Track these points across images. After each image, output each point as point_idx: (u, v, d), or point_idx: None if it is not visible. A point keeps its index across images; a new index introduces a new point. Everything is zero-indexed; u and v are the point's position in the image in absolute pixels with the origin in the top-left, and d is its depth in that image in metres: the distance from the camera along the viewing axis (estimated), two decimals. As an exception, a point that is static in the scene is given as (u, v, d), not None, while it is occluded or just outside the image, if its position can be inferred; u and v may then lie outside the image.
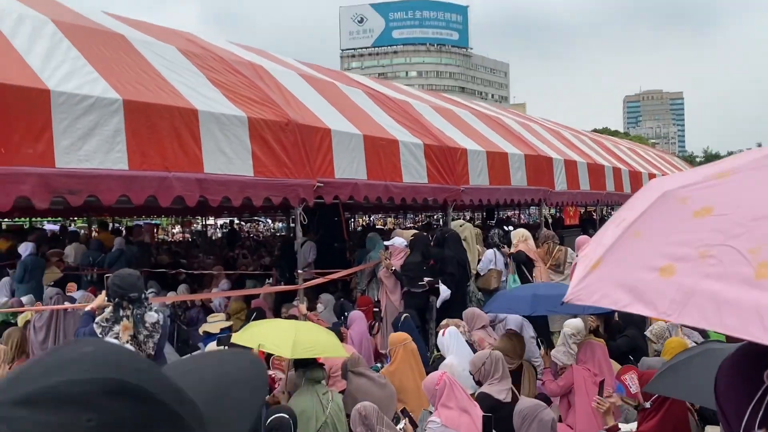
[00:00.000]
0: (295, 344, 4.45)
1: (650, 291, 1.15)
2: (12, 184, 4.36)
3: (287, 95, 7.22)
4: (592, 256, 1.32)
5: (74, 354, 0.65)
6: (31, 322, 6.54)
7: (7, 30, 5.00)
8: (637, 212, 1.32)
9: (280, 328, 4.92)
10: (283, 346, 4.50)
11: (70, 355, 0.65)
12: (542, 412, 4.07)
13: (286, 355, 4.53)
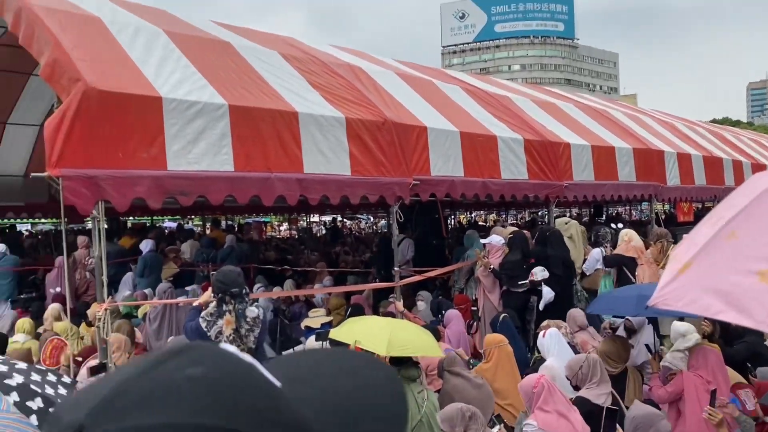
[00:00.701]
0: (390, 342, 4.49)
1: (747, 298, 1.05)
2: (129, 186, 4.70)
3: (384, 95, 7.29)
4: (683, 258, 1.22)
5: (181, 379, 0.55)
6: (147, 314, 7.03)
7: (125, 42, 5.39)
8: (736, 210, 1.20)
9: (377, 326, 4.98)
10: (378, 344, 4.56)
11: (176, 379, 0.55)
12: (659, 422, 3.85)
13: (381, 353, 4.57)
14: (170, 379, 0.54)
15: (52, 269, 9.63)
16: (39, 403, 2.85)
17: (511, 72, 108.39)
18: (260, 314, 3.90)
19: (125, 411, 0.52)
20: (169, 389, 0.54)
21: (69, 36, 4.94)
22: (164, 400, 0.53)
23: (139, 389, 0.54)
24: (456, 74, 11.05)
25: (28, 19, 5.07)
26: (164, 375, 0.55)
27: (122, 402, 0.53)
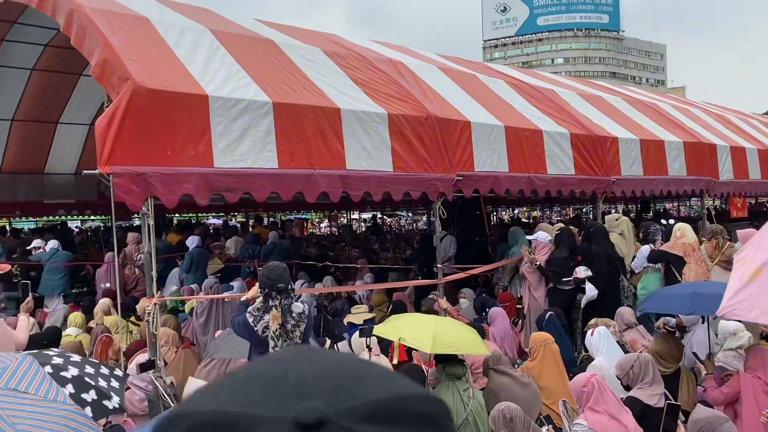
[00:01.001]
0: (435, 339, 4.45)
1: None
2: (177, 183, 4.78)
3: (426, 89, 7.24)
4: (752, 263, 1.14)
5: (381, 368, 0.59)
6: (194, 309, 7.15)
7: (172, 41, 5.48)
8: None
9: (421, 323, 4.94)
10: (423, 341, 4.52)
11: (375, 367, 0.59)
12: (723, 425, 3.71)
13: (426, 350, 4.54)
14: (371, 367, 0.59)
15: (102, 265, 9.89)
16: (93, 395, 2.92)
17: (554, 65, 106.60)
18: (306, 309, 3.91)
19: (355, 390, 0.55)
20: (383, 372, 0.58)
21: (118, 36, 5.04)
22: (390, 380, 0.57)
23: (364, 372, 0.58)
24: (499, 67, 10.90)
25: (80, 20, 5.18)
26: (358, 363, 0.60)
27: (355, 384, 0.56)
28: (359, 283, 9.57)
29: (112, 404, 2.94)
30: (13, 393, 2.34)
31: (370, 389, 0.55)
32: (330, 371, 0.56)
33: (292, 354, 0.61)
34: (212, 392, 0.57)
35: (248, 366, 0.61)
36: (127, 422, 4.18)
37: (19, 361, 2.51)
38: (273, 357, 0.62)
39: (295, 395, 0.53)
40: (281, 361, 0.59)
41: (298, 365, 0.57)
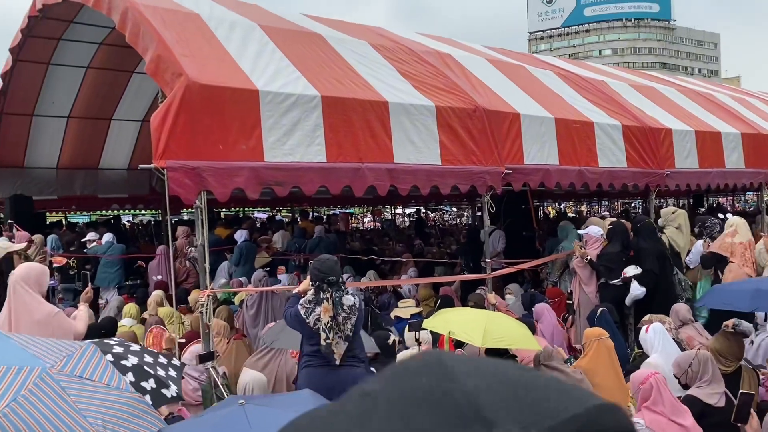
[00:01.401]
0: (486, 333, 4.40)
1: None
2: (229, 177, 4.85)
3: (474, 81, 7.15)
4: None
5: (541, 373, 0.53)
6: (244, 301, 7.27)
7: (222, 37, 5.55)
8: None
9: (472, 317, 4.90)
10: (473, 335, 4.48)
11: (535, 373, 0.52)
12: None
13: (476, 344, 4.49)
14: (527, 368, 0.52)
15: (155, 258, 10.14)
16: (152, 383, 2.98)
17: (602, 57, 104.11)
18: (357, 302, 3.92)
19: (552, 406, 0.47)
20: (548, 377, 0.52)
21: (171, 33, 5.14)
22: (565, 387, 0.50)
23: (534, 381, 0.50)
24: (548, 59, 10.71)
25: (134, 17, 5.30)
26: (544, 379, 0.51)
27: (536, 398, 0.48)
28: (405, 277, 9.55)
29: (170, 393, 3.00)
30: (79, 380, 2.41)
31: (556, 404, 0.47)
32: (498, 383, 0.48)
33: (432, 363, 0.51)
34: (355, 418, 0.47)
35: (382, 384, 0.51)
36: (182, 411, 4.28)
37: (84, 349, 2.58)
38: (405, 369, 0.52)
39: (475, 419, 0.45)
40: (427, 374, 0.50)
41: (453, 378, 0.49)
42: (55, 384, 2.33)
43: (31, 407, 2.23)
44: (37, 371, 2.32)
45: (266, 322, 6.59)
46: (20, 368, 2.30)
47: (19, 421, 2.17)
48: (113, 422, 2.37)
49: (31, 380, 2.29)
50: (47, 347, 2.52)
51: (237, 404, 2.40)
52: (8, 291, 4.01)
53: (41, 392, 2.29)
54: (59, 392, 2.33)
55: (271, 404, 2.44)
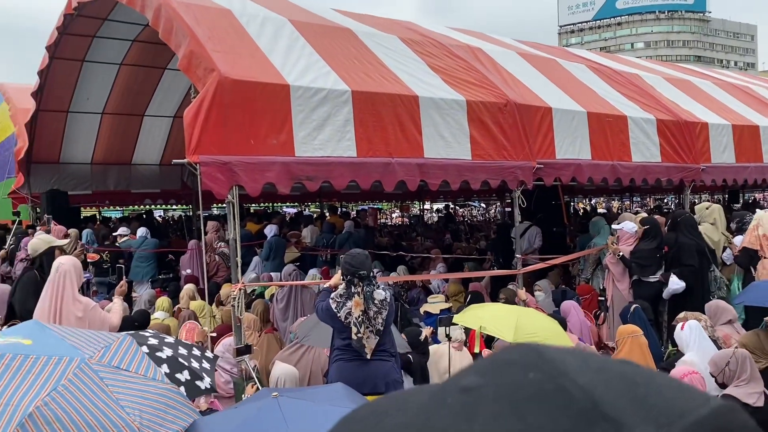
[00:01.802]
0: (517, 329, 4.37)
1: None
2: (260, 172, 4.88)
3: (505, 75, 7.08)
4: None
5: (652, 370, 0.50)
6: (274, 295, 7.32)
7: (253, 32, 5.58)
8: None
9: (502, 312, 4.87)
10: (504, 330, 4.45)
11: (645, 369, 0.49)
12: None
13: (507, 339, 4.47)
14: (635, 365, 0.49)
15: (186, 252, 10.27)
16: (186, 375, 3.01)
17: (634, 50, 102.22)
18: (387, 297, 3.91)
19: (678, 406, 0.45)
20: (660, 373, 0.49)
21: (203, 29, 5.18)
22: (680, 384, 0.47)
23: (652, 378, 0.48)
24: (580, 52, 10.55)
25: (167, 14, 5.36)
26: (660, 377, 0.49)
27: (658, 395, 0.46)
28: (434, 272, 9.52)
29: (203, 385, 3.03)
30: (116, 370, 2.44)
31: (682, 403, 0.44)
32: (614, 380, 0.45)
33: (534, 356, 0.48)
34: (459, 414, 0.45)
35: (483, 378, 0.48)
36: (214, 403, 4.33)
37: (121, 340, 2.62)
38: (506, 363, 0.49)
39: (599, 417, 0.42)
40: (533, 368, 0.47)
41: (562, 372, 0.46)
42: (93, 374, 2.37)
43: (70, 396, 2.27)
44: (77, 362, 2.36)
45: (296, 316, 6.64)
46: (60, 358, 2.35)
47: (59, 410, 2.22)
48: (150, 413, 2.40)
49: (70, 370, 2.33)
50: (85, 338, 2.56)
51: (270, 396, 2.41)
52: (55, 281, 4.09)
53: (80, 382, 2.33)
54: (98, 382, 2.37)
55: (304, 397, 2.45)
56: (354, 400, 2.60)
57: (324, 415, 2.22)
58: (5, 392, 2.22)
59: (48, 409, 2.20)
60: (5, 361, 2.29)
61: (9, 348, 2.35)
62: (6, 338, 2.48)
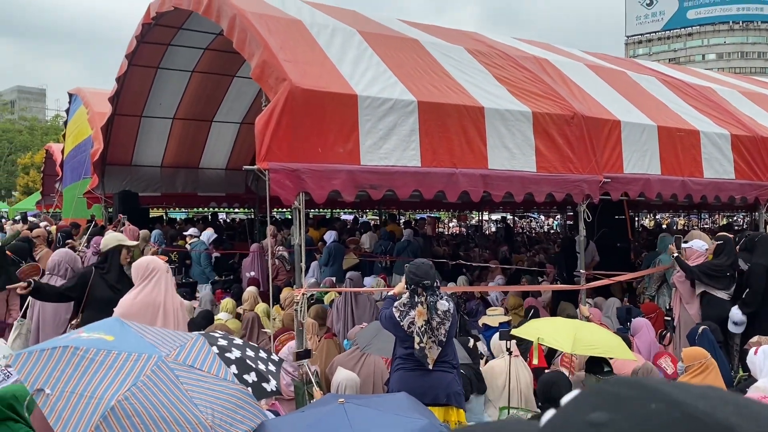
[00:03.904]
0: (576, 340, 4.31)
1: None
2: (327, 179, 4.97)
3: (573, 87, 6.97)
4: None
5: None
6: (334, 301, 7.41)
7: (323, 42, 5.70)
8: None
9: (561, 325, 4.81)
10: (563, 341, 4.39)
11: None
12: None
13: (566, 350, 4.41)
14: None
15: (248, 255, 10.52)
16: (253, 377, 3.09)
17: (705, 62, 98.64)
18: (451, 308, 3.90)
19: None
20: None
21: (276, 39, 5.33)
22: None
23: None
24: (650, 64, 10.27)
25: (241, 24, 5.54)
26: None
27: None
28: (492, 284, 9.43)
29: (269, 387, 3.09)
30: (190, 369, 2.53)
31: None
32: (746, 414, 0.47)
33: (637, 386, 0.51)
34: None
35: (608, 413, 0.50)
36: (275, 405, 4.42)
37: (194, 340, 2.71)
38: (612, 395, 0.52)
39: None
40: (646, 398, 0.50)
41: (676, 400, 0.49)
42: (169, 372, 2.46)
43: (148, 392, 2.37)
44: (154, 359, 2.46)
45: (354, 322, 6.70)
46: (139, 355, 2.45)
47: (138, 405, 2.32)
48: (221, 412, 2.48)
49: (148, 367, 2.44)
50: (161, 336, 2.67)
51: (336, 402, 2.45)
52: (161, 279, 4.25)
53: (158, 379, 2.43)
54: (173, 380, 2.46)
55: (370, 404, 2.48)
56: (419, 410, 2.61)
57: (390, 424, 2.24)
58: (89, 386, 2.33)
59: (128, 403, 2.30)
60: (89, 355, 2.41)
61: (93, 343, 2.47)
62: (90, 333, 2.61)
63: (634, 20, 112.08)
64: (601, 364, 4.67)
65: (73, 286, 5.18)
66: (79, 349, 2.40)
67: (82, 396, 2.29)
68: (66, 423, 2.23)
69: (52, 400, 2.27)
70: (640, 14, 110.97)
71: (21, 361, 2.38)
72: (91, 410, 2.24)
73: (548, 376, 4.16)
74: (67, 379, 2.34)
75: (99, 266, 5.45)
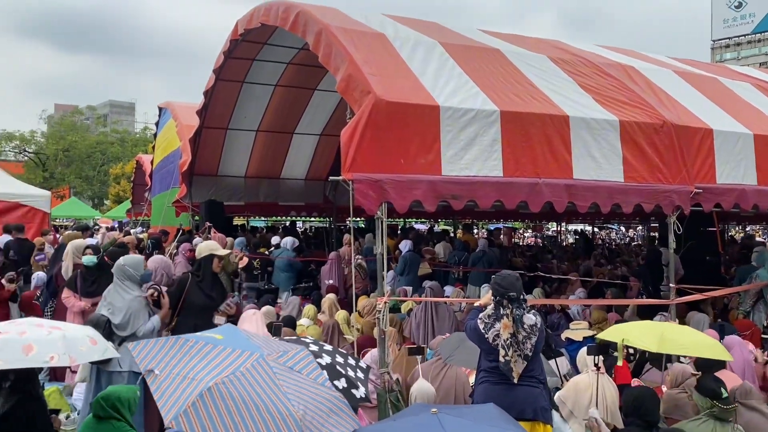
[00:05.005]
0: (662, 340, 4.19)
1: None
2: (408, 190, 5.02)
3: (661, 95, 6.74)
4: None
5: None
6: (412, 310, 7.43)
7: (406, 55, 5.77)
8: None
9: (647, 326, 4.71)
10: (648, 341, 4.26)
11: None
12: None
13: (652, 349, 4.28)
14: None
15: (326, 262, 10.71)
16: (343, 383, 3.17)
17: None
18: (537, 322, 3.84)
19: None
20: None
21: (360, 52, 5.44)
22: None
23: None
24: (743, 69, 9.79)
25: (327, 39, 5.69)
26: None
27: None
28: (572, 297, 9.19)
29: (359, 394, 3.16)
30: (289, 370, 2.67)
31: None
32: None
33: None
34: None
35: None
36: (358, 412, 4.48)
37: (298, 350, 2.87)
38: None
39: None
40: None
41: None
42: (268, 368, 2.61)
43: (245, 382, 2.55)
44: (256, 356, 2.63)
45: (434, 332, 6.69)
46: (242, 351, 2.64)
47: (234, 390, 2.50)
48: (314, 413, 2.56)
49: (249, 362, 2.61)
50: (266, 342, 2.83)
51: (429, 412, 2.47)
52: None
53: (256, 372, 2.59)
54: (270, 375, 2.60)
55: (463, 415, 2.48)
56: (509, 422, 2.60)
57: (485, 434, 2.24)
58: (193, 369, 2.56)
59: (224, 387, 2.48)
60: (198, 346, 2.65)
61: (203, 338, 2.69)
62: (203, 334, 2.84)
63: (721, 23, 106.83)
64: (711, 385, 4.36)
65: (172, 292, 5.45)
66: (189, 341, 2.64)
67: (185, 377, 2.53)
68: (168, 398, 2.45)
69: (159, 379, 2.52)
70: (728, 17, 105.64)
71: (139, 348, 2.62)
72: (190, 390, 2.44)
73: (637, 391, 4.03)
74: (175, 363, 2.58)
75: (195, 273, 5.71)
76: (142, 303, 4.94)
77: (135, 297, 4.90)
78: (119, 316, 4.75)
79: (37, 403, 3.65)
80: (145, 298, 4.99)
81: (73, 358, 3.47)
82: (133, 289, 4.95)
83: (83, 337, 3.64)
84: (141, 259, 5.28)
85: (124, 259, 5.10)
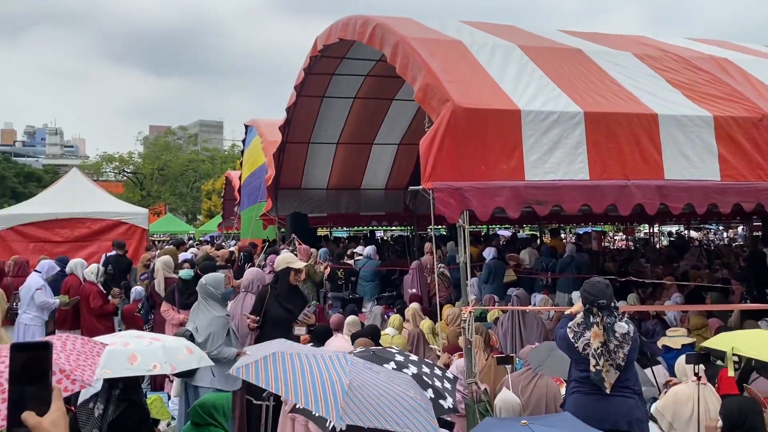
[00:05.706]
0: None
1: None
2: (490, 197, 4.95)
3: (759, 87, 6.34)
4: None
5: None
6: (499, 319, 7.31)
7: (484, 60, 5.72)
8: None
9: (759, 334, 4.35)
10: (762, 349, 3.95)
11: None
12: None
13: (764, 359, 3.96)
14: None
15: (408, 271, 10.73)
16: (430, 393, 3.15)
17: None
18: (630, 330, 3.68)
19: None
20: None
21: (437, 61, 5.44)
22: None
23: None
24: None
25: (404, 50, 5.73)
26: None
27: None
28: (668, 303, 8.75)
29: (446, 404, 3.14)
30: (368, 368, 2.73)
31: None
32: None
33: None
34: None
35: None
36: (448, 422, 4.44)
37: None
38: None
39: None
40: None
41: None
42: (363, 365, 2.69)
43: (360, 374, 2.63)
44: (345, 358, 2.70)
45: (521, 342, 6.56)
46: (332, 355, 2.74)
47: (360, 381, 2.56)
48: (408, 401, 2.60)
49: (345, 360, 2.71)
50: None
51: (519, 424, 2.42)
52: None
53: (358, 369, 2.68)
54: (369, 368, 2.70)
55: (555, 425, 2.41)
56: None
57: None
58: (323, 374, 2.63)
59: (354, 383, 2.55)
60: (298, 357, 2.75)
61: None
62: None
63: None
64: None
65: (255, 306, 5.62)
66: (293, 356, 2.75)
67: (323, 381, 2.60)
68: (317, 401, 2.54)
69: (300, 392, 2.61)
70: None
71: (252, 373, 2.76)
72: (338, 386, 2.57)
73: (740, 403, 3.76)
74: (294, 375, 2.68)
75: (273, 285, 5.87)
76: (222, 323, 5.08)
77: (216, 316, 5.06)
78: (202, 335, 4.95)
79: (141, 411, 3.86)
80: (225, 318, 5.12)
81: (174, 366, 3.68)
82: (214, 307, 5.12)
83: (181, 347, 3.84)
84: (222, 277, 5.46)
85: (206, 278, 5.29)
